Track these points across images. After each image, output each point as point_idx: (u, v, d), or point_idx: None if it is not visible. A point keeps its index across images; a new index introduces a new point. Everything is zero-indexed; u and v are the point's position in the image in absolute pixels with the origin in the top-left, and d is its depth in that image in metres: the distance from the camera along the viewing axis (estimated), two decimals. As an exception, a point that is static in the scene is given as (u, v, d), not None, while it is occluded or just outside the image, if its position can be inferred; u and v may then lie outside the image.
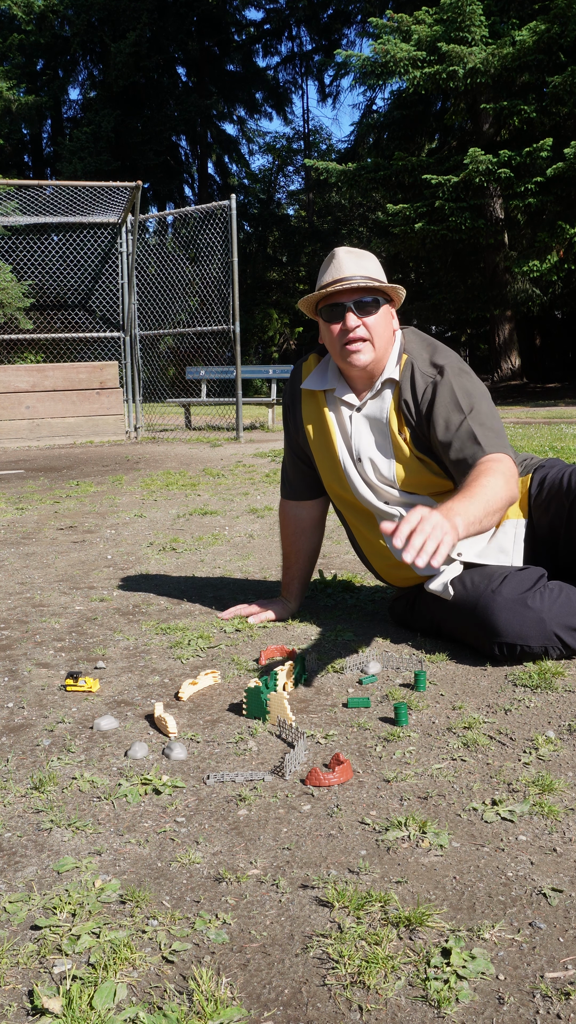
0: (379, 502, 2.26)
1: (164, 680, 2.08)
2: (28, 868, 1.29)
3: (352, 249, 2.21)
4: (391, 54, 16.38)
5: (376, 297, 2.16)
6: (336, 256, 2.20)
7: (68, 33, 25.60)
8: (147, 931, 1.13)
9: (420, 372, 2.19)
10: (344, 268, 2.16)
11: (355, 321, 2.14)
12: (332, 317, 2.17)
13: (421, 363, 2.20)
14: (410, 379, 2.19)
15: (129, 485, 5.76)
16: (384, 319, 2.18)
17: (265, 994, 1.01)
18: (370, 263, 2.20)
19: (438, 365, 2.18)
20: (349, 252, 2.20)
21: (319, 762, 1.60)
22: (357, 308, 2.14)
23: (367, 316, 2.15)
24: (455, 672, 2.05)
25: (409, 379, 2.19)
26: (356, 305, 2.14)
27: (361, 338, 2.15)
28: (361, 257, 2.20)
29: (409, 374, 2.19)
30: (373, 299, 2.15)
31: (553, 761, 1.57)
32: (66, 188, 10.46)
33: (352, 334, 2.14)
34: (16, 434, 9.58)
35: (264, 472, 6.25)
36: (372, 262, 2.21)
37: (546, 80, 16.12)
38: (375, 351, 2.17)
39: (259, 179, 33.73)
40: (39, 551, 3.66)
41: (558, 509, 2.19)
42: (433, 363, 2.20)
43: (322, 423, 2.31)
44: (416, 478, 2.20)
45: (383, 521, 1.78)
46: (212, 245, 9.94)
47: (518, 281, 18.16)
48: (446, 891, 1.19)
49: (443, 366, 2.17)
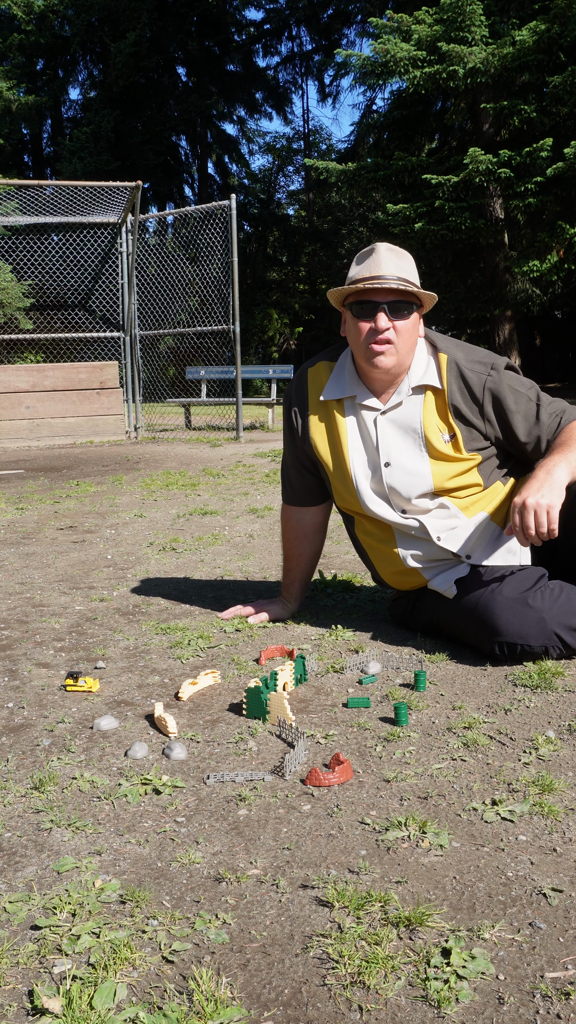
0: (393, 513, 2.21)
1: (164, 680, 2.08)
2: (28, 868, 1.29)
3: (393, 247, 2.15)
4: (391, 54, 16.37)
5: (410, 302, 2.11)
6: (377, 251, 2.12)
7: (68, 33, 25.59)
8: (147, 931, 1.13)
9: (469, 370, 2.15)
10: (383, 266, 2.09)
11: (386, 323, 2.08)
12: (362, 314, 2.11)
13: (466, 361, 2.17)
14: (459, 379, 2.15)
15: (129, 485, 5.76)
16: (413, 325, 2.14)
17: (265, 994, 1.01)
18: (408, 264, 2.14)
19: (486, 363, 2.16)
20: (390, 250, 2.13)
21: (319, 762, 1.60)
22: (391, 310, 2.09)
23: (399, 320, 2.10)
24: (455, 672, 2.05)
25: (458, 379, 2.15)
26: (390, 307, 2.09)
27: (388, 340, 2.10)
28: (400, 257, 2.14)
29: (456, 374, 2.16)
30: (407, 303, 2.10)
31: (553, 761, 1.57)
32: (66, 188, 10.46)
33: (381, 335, 2.09)
34: (16, 434, 9.58)
35: (264, 472, 6.25)
36: (410, 263, 2.16)
37: (546, 80, 16.11)
38: (398, 355, 2.13)
39: (259, 179, 33.72)
40: (39, 551, 3.66)
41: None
42: (479, 361, 2.17)
43: (335, 433, 2.25)
44: (450, 480, 2.16)
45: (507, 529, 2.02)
46: (212, 245, 9.94)
47: (518, 281, 18.16)
48: (446, 891, 1.19)
49: (493, 363, 2.16)
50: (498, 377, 2.14)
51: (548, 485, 1.97)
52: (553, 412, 2.15)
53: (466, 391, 2.15)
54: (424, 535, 2.19)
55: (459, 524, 2.19)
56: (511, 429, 2.16)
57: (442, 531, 2.18)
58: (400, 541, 2.24)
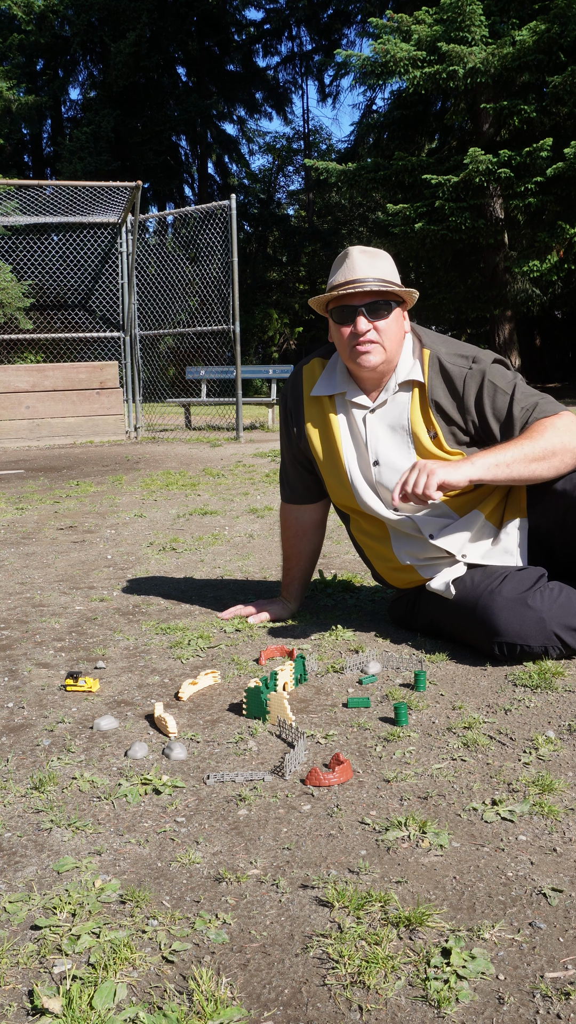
0: (386, 510, 2.23)
1: (164, 680, 2.08)
2: (28, 868, 1.29)
3: (367, 248, 2.17)
4: (391, 54, 16.37)
5: (389, 300, 2.13)
6: (349, 256, 2.15)
7: (68, 33, 25.58)
8: (147, 931, 1.13)
9: (450, 363, 2.15)
10: (357, 269, 2.12)
11: (366, 325, 2.11)
12: (343, 319, 2.14)
13: (447, 355, 2.17)
14: (440, 373, 2.16)
15: (129, 485, 5.76)
16: (396, 322, 2.15)
17: (265, 994, 1.01)
18: (384, 263, 2.16)
19: (468, 356, 2.16)
20: (363, 252, 2.16)
21: (319, 762, 1.60)
22: (369, 312, 2.11)
23: (379, 320, 2.12)
24: (455, 672, 2.05)
25: (439, 374, 2.16)
26: (368, 309, 2.11)
27: (372, 340, 2.12)
28: (375, 257, 2.15)
29: (438, 369, 2.16)
30: (385, 302, 2.12)
31: (553, 761, 1.57)
32: (66, 188, 10.47)
33: (363, 337, 2.12)
34: (16, 434, 9.58)
35: (264, 472, 6.25)
36: (386, 262, 2.17)
37: (546, 80, 16.11)
38: (385, 353, 2.15)
39: (259, 179, 33.71)
40: (39, 551, 3.66)
41: (553, 514, 2.18)
42: (461, 355, 2.17)
43: (328, 430, 2.27)
44: None
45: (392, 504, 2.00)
46: (212, 245, 9.95)
47: (518, 281, 18.15)
48: (446, 891, 1.19)
49: (475, 355, 2.15)
50: (478, 370, 2.14)
51: (454, 465, 1.99)
52: (526, 407, 2.13)
53: (447, 386, 2.16)
54: (417, 532, 2.20)
55: (451, 522, 2.20)
56: (487, 424, 2.15)
57: (434, 529, 2.19)
58: (395, 538, 2.25)
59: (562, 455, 2.06)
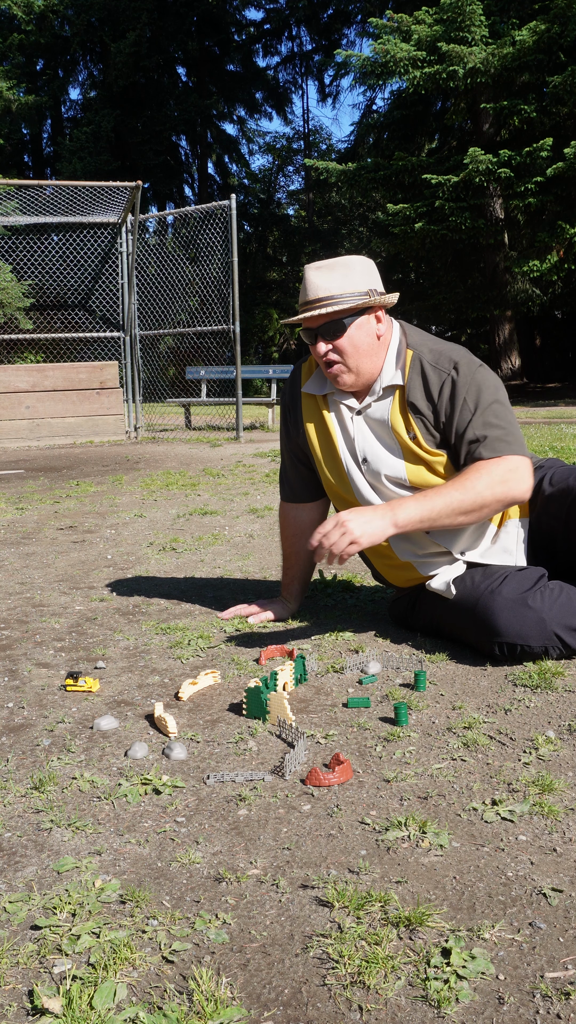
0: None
1: (164, 680, 2.08)
2: (28, 868, 1.29)
3: (322, 264, 2.13)
4: (391, 54, 16.38)
5: (342, 318, 2.10)
6: (305, 277, 2.14)
7: (68, 33, 25.60)
8: (147, 931, 1.13)
9: (431, 367, 2.12)
10: (308, 291, 2.11)
11: (324, 348, 2.13)
12: (307, 339, 2.17)
13: (430, 357, 2.14)
14: (420, 375, 2.13)
15: (129, 485, 5.76)
16: (359, 333, 2.12)
17: (265, 994, 1.01)
18: (338, 277, 2.09)
19: (452, 360, 2.13)
20: (317, 269, 2.12)
21: (319, 762, 1.60)
22: (324, 334, 2.12)
23: (336, 339, 2.12)
24: (455, 672, 2.05)
25: (419, 375, 2.13)
26: (322, 332, 2.12)
27: (334, 361, 2.14)
28: (331, 270, 2.11)
29: (419, 371, 2.14)
30: (338, 321, 2.10)
31: (553, 761, 1.57)
32: (66, 188, 10.46)
33: (324, 359, 2.15)
34: (16, 434, 9.58)
35: (264, 472, 6.25)
36: (342, 275, 2.10)
37: (546, 80, 16.12)
38: (351, 372, 2.15)
39: (259, 179, 33.72)
40: (39, 551, 3.66)
41: (557, 511, 2.19)
42: (443, 359, 2.14)
43: (323, 425, 2.29)
44: (426, 477, 2.16)
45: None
46: (212, 245, 9.94)
47: (518, 281, 18.16)
48: (446, 891, 1.19)
49: (457, 361, 2.12)
50: (456, 378, 2.10)
51: (375, 522, 1.99)
52: (478, 437, 2.07)
53: (424, 388, 2.13)
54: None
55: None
56: (448, 435, 2.13)
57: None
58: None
59: (491, 506, 2.04)
